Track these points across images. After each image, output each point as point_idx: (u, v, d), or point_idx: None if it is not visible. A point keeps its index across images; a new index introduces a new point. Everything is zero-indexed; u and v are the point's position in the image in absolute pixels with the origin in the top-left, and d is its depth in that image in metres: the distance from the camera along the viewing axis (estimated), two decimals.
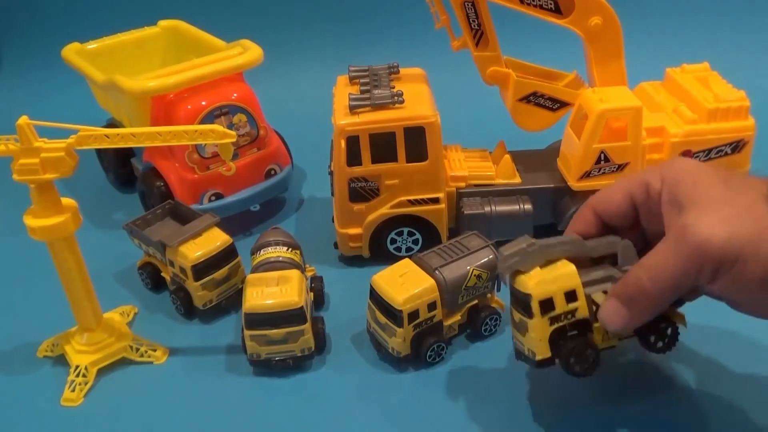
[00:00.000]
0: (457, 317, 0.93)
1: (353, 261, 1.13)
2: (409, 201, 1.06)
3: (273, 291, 0.90)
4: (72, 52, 1.33)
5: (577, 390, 0.83)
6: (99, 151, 1.38)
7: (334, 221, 1.12)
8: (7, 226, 1.20)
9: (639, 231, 0.70)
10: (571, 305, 0.60)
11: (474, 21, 1.07)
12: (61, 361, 0.96)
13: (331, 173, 1.09)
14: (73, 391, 0.90)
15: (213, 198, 1.18)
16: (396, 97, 1.02)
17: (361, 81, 1.09)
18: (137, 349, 0.96)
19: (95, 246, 1.03)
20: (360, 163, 1.03)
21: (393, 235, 1.09)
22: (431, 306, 0.88)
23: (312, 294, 1.01)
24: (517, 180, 1.11)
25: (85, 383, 0.91)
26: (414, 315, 0.87)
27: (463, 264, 0.90)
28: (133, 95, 1.13)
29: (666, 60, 1.21)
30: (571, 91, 1.13)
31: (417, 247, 1.11)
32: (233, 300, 1.03)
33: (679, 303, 0.62)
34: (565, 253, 0.62)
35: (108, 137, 0.81)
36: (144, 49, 1.41)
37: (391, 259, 1.01)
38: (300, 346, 0.91)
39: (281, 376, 0.92)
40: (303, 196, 1.33)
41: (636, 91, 1.13)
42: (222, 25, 1.38)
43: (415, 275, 0.89)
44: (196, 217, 1.05)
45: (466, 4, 1.05)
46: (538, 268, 0.60)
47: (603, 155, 1.03)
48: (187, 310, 1.02)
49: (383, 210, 1.07)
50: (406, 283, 0.88)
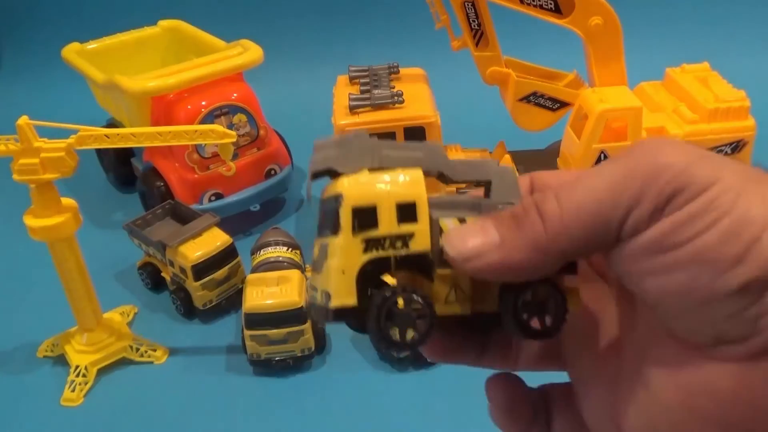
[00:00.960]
0: None
1: None
2: None
3: (273, 291, 0.90)
4: (72, 52, 1.32)
5: None
6: (99, 151, 1.38)
7: None
8: (7, 226, 1.20)
9: None
10: (405, 227, 0.30)
11: (474, 21, 1.07)
12: (61, 361, 0.96)
13: None
14: (73, 391, 0.90)
15: (213, 198, 1.18)
16: (396, 97, 1.02)
17: (361, 81, 1.09)
18: (137, 349, 0.96)
19: (95, 246, 1.03)
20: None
21: None
22: None
23: None
24: None
25: (85, 383, 0.91)
26: None
27: None
28: (133, 95, 1.13)
29: (666, 60, 1.21)
30: (571, 91, 1.13)
31: None
32: (233, 300, 1.03)
33: (569, 269, 0.24)
34: (413, 162, 0.33)
35: (108, 137, 0.81)
36: (144, 49, 1.41)
37: None
38: (300, 346, 0.91)
39: (281, 376, 0.92)
40: (303, 196, 1.33)
41: (636, 91, 1.13)
42: (222, 25, 1.38)
43: None
44: (196, 217, 1.05)
45: (466, 4, 1.05)
46: (365, 171, 0.31)
47: (603, 155, 1.03)
48: (187, 310, 1.02)
49: None
50: None
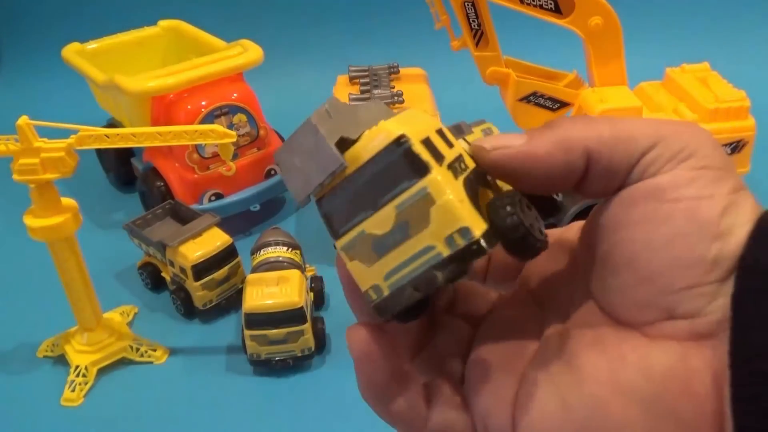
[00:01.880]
0: None
1: None
2: None
3: (273, 291, 0.90)
4: (72, 52, 1.32)
5: None
6: (99, 151, 1.38)
7: None
8: (7, 226, 1.20)
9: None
10: (454, 151, 0.27)
11: (474, 21, 1.07)
12: (61, 361, 0.96)
13: None
14: (73, 391, 0.90)
15: (213, 198, 1.18)
16: (396, 97, 1.02)
17: (361, 81, 1.09)
18: (137, 349, 0.96)
19: (95, 246, 1.03)
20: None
21: None
22: None
23: (312, 294, 1.01)
24: None
25: (85, 383, 0.91)
26: None
27: None
28: (133, 95, 1.13)
29: (666, 60, 1.21)
30: (571, 91, 1.13)
31: None
32: (233, 300, 1.03)
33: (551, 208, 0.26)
34: (385, 113, 0.28)
35: (108, 137, 0.81)
36: (144, 49, 1.41)
37: None
38: (300, 346, 0.91)
39: (281, 376, 0.92)
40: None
41: (636, 91, 1.13)
42: (222, 25, 1.38)
43: None
44: (196, 217, 1.05)
45: (466, 4, 1.05)
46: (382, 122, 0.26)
47: None
48: (187, 310, 1.02)
49: None
50: None
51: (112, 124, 1.38)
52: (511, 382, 0.26)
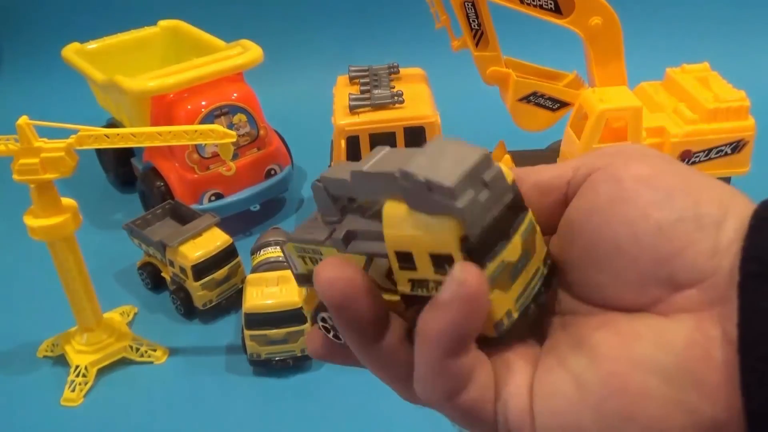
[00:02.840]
0: None
1: None
2: None
3: (273, 291, 0.90)
4: (72, 52, 1.32)
5: None
6: (99, 151, 1.38)
7: None
8: (7, 226, 1.20)
9: None
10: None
11: (474, 21, 1.07)
12: (61, 361, 0.96)
13: None
14: (73, 391, 0.90)
15: (213, 198, 1.18)
16: (396, 97, 1.02)
17: (361, 81, 1.09)
18: (137, 349, 0.96)
19: (95, 246, 1.03)
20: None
21: None
22: None
23: None
24: None
25: (85, 383, 0.91)
26: None
27: None
28: (133, 95, 1.13)
29: (666, 60, 1.21)
30: (571, 91, 1.13)
31: None
32: (233, 300, 1.03)
33: None
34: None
35: (108, 137, 0.81)
36: (144, 49, 1.41)
37: None
38: (300, 346, 0.91)
39: (281, 376, 0.92)
40: (303, 196, 1.33)
41: (636, 91, 1.13)
42: (222, 25, 1.38)
43: None
44: (196, 217, 1.05)
45: (466, 4, 1.05)
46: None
47: None
48: (187, 310, 1.02)
49: None
50: None
51: (112, 124, 1.38)
52: (528, 369, 0.26)
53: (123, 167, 1.36)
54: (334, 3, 1.75)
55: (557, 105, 1.14)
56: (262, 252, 0.99)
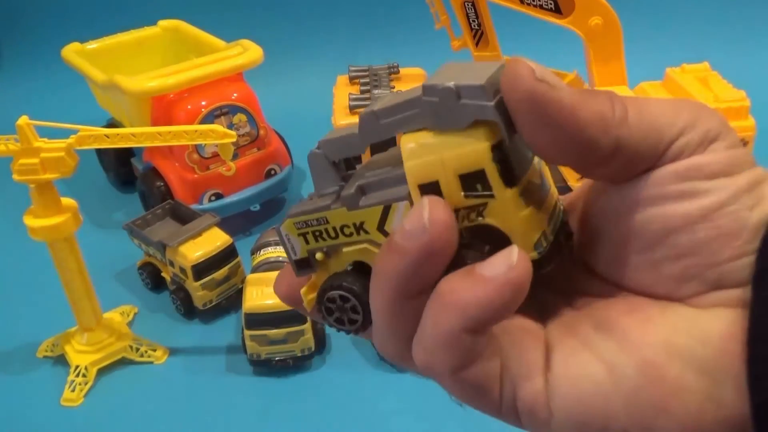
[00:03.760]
0: None
1: None
2: None
3: (273, 291, 0.90)
4: (72, 52, 1.33)
5: None
6: (99, 151, 1.38)
7: None
8: (7, 226, 1.20)
9: None
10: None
11: (474, 21, 1.07)
12: (61, 361, 0.96)
13: None
14: (73, 391, 0.90)
15: (213, 198, 1.18)
16: None
17: (361, 81, 1.09)
18: (137, 349, 0.96)
19: (95, 246, 1.03)
20: (360, 163, 1.03)
21: None
22: None
23: None
24: None
25: (85, 383, 0.91)
26: None
27: None
28: (133, 95, 1.13)
29: (666, 60, 1.20)
30: None
31: None
32: (233, 300, 1.03)
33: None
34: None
35: (108, 137, 0.81)
36: (144, 49, 1.41)
37: None
38: (300, 346, 0.91)
39: (281, 376, 0.92)
40: (303, 196, 1.33)
41: (636, 91, 1.13)
42: (222, 25, 1.38)
43: None
44: (196, 217, 1.05)
45: (466, 4, 1.05)
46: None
47: None
48: (187, 310, 1.02)
49: None
50: None
51: (112, 124, 1.38)
52: (539, 347, 0.24)
53: (123, 167, 1.36)
54: (335, 3, 1.75)
55: None
56: (262, 252, 0.99)
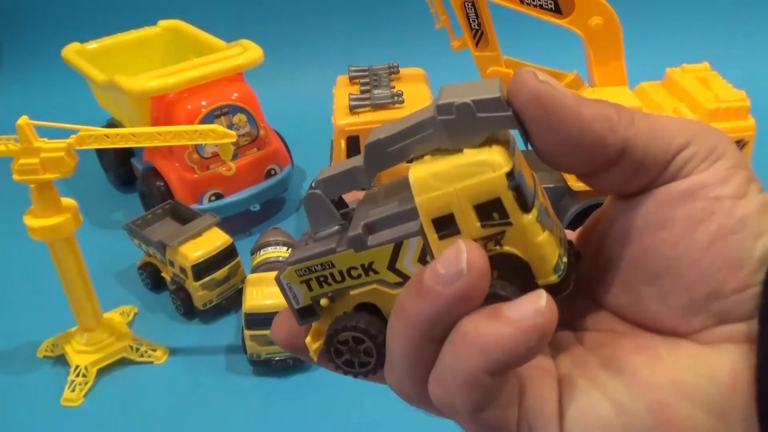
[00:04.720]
0: None
1: None
2: None
3: (273, 291, 0.90)
4: (72, 52, 1.33)
5: None
6: (99, 151, 1.38)
7: None
8: (7, 226, 1.20)
9: None
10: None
11: (474, 21, 1.07)
12: (61, 361, 0.96)
13: None
14: (73, 391, 0.90)
15: (213, 198, 1.18)
16: (396, 97, 1.02)
17: (361, 81, 1.09)
18: (137, 349, 0.96)
19: (95, 246, 1.03)
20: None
21: None
22: None
23: None
24: None
25: (85, 383, 0.91)
26: None
27: None
28: (133, 95, 1.13)
29: (666, 60, 1.20)
30: None
31: None
32: (233, 300, 1.03)
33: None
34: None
35: (108, 137, 0.81)
36: (144, 49, 1.41)
37: None
38: None
39: (281, 376, 0.92)
40: (303, 196, 1.33)
41: (636, 91, 1.12)
42: (222, 25, 1.38)
43: None
44: (196, 217, 1.05)
45: (466, 4, 1.05)
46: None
47: None
48: (187, 310, 1.02)
49: None
50: None
51: (112, 124, 1.38)
52: (553, 386, 0.24)
53: (123, 167, 1.36)
54: (335, 3, 1.75)
55: None
56: (262, 252, 0.99)
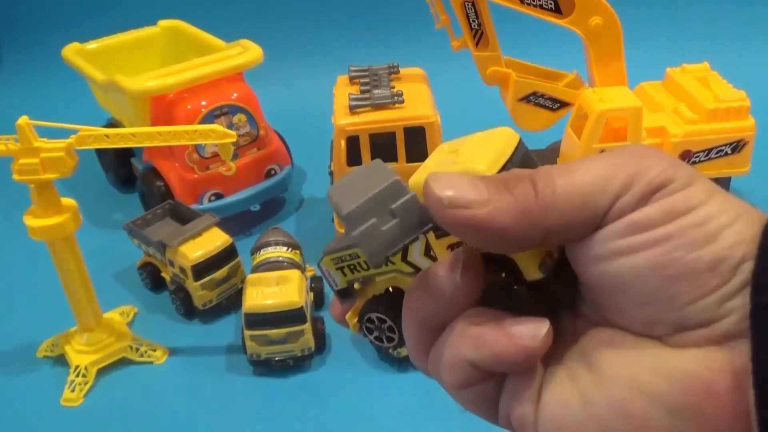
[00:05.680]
0: None
1: None
2: None
3: (273, 291, 0.90)
4: (72, 52, 1.33)
5: None
6: (99, 151, 1.38)
7: (334, 221, 1.12)
8: (7, 226, 1.20)
9: None
10: None
11: (474, 21, 1.07)
12: (61, 361, 0.96)
13: (331, 173, 1.09)
14: (73, 391, 0.90)
15: (213, 198, 1.18)
16: (396, 97, 1.02)
17: (361, 81, 1.09)
18: (137, 349, 0.96)
19: (95, 246, 1.03)
20: (360, 163, 1.03)
21: None
22: None
23: (312, 294, 1.01)
24: None
25: (85, 383, 0.91)
26: None
27: None
28: (133, 95, 1.13)
29: (666, 60, 1.21)
30: (571, 91, 1.13)
31: None
32: (233, 300, 1.03)
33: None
34: None
35: (108, 137, 0.81)
36: (144, 49, 1.41)
37: None
38: (300, 346, 0.91)
39: (281, 376, 0.92)
40: (303, 196, 1.33)
41: (636, 91, 1.13)
42: (222, 25, 1.38)
43: None
44: (196, 217, 1.05)
45: (466, 4, 1.05)
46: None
47: None
48: (187, 310, 1.02)
49: None
50: None
51: (112, 124, 1.38)
52: (536, 375, 0.26)
53: (123, 167, 1.36)
54: (335, 3, 1.75)
55: (557, 105, 1.14)
56: (262, 252, 0.99)
